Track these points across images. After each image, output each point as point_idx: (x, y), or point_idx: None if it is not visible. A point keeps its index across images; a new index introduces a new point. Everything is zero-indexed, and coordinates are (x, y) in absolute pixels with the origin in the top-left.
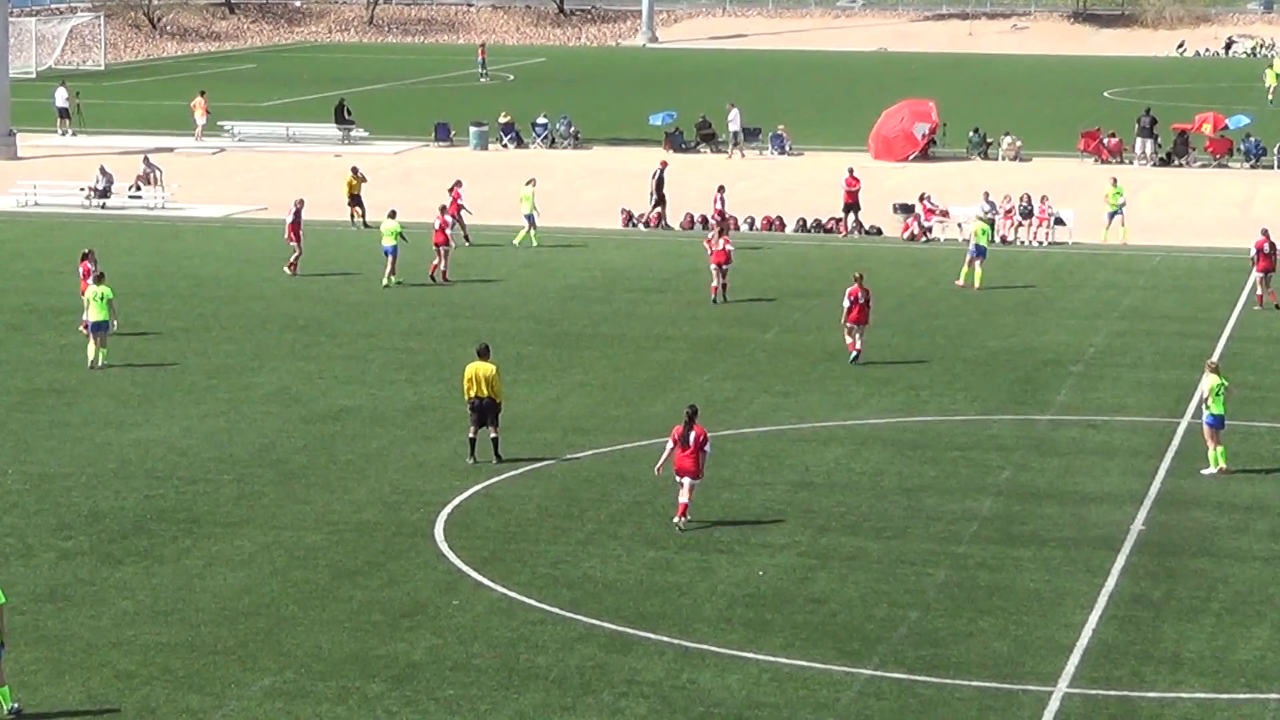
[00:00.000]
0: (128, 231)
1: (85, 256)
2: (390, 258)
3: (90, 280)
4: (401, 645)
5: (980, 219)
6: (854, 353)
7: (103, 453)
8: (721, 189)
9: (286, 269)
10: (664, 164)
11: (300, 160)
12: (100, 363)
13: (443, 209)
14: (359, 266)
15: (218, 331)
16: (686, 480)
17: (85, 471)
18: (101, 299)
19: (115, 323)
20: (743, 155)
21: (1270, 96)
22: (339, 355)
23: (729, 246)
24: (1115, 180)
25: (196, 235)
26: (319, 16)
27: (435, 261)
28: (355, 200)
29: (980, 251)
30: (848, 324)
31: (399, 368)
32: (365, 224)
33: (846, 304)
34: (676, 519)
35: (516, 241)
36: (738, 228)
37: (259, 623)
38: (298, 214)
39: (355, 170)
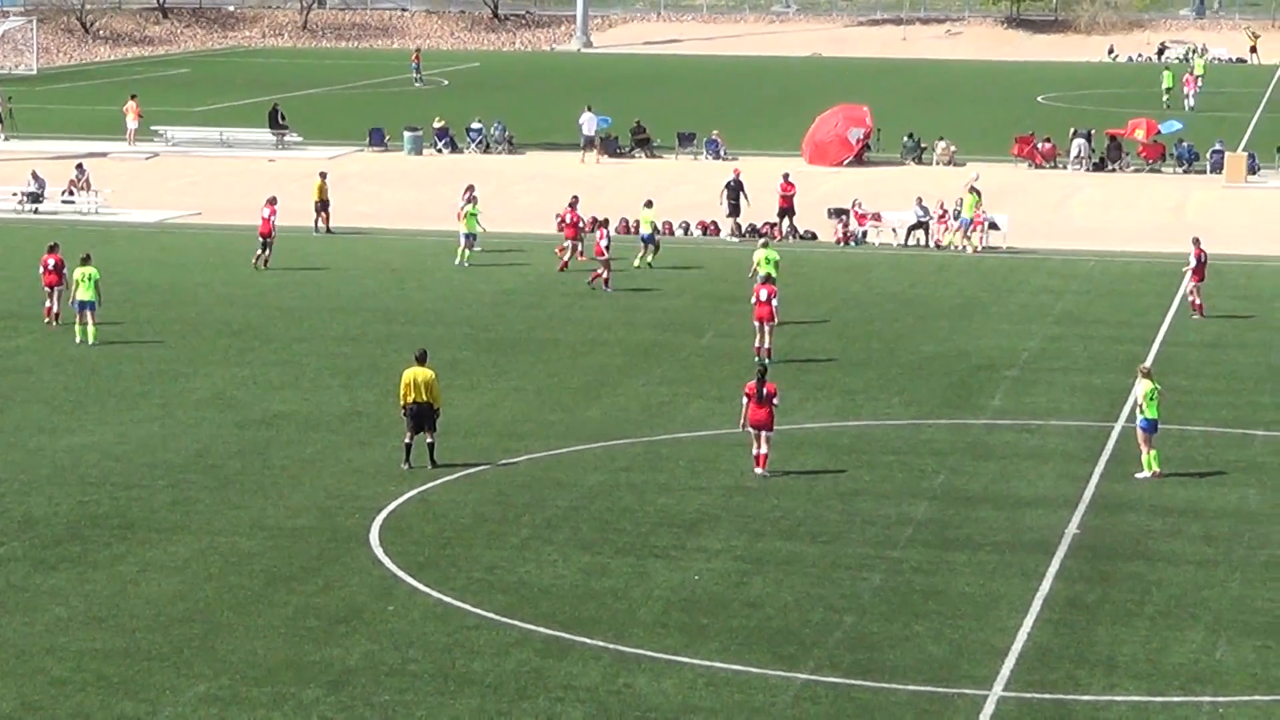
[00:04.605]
0: (60, 236)
1: (51, 249)
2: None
3: (51, 265)
4: (337, 651)
5: (762, 249)
6: (763, 354)
7: (35, 459)
8: (575, 200)
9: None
10: (737, 171)
11: (234, 165)
12: (91, 340)
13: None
14: (300, 268)
15: (151, 337)
16: (763, 433)
17: (17, 478)
18: (88, 279)
19: (100, 302)
20: (598, 161)
21: (1166, 99)
22: (273, 360)
23: (602, 241)
24: (973, 189)
25: (129, 240)
26: (253, 21)
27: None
28: (323, 205)
29: (769, 279)
30: (755, 322)
31: (333, 373)
32: (329, 229)
33: (753, 300)
34: (757, 470)
35: (636, 264)
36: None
37: (193, 629)
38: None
39: (323, 175)
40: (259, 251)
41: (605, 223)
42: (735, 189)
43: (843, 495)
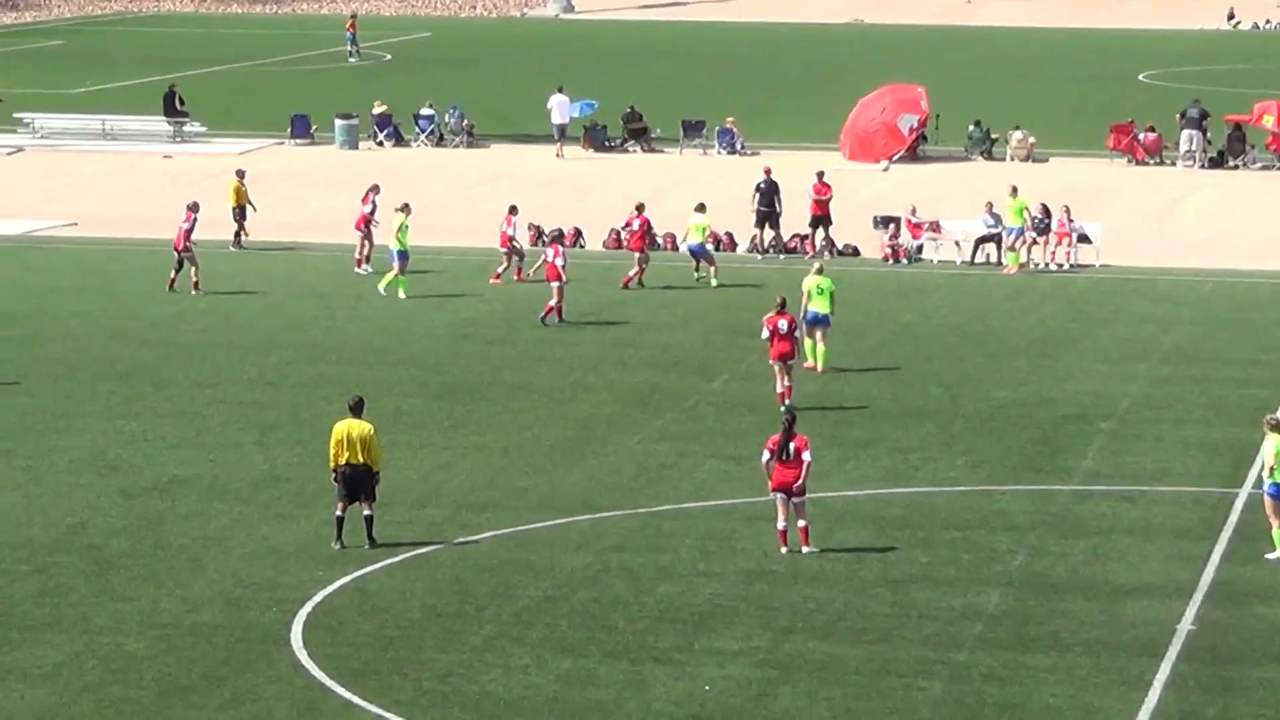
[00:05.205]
0: None
1: None
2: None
3: None
4: None
5: (815, 275)
6: (786, 401)
7: None
8: (514, 210)
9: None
10: (768, 170)
11: (120, 162)
12: None
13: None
14: (204, 293)
15: (12, 380)
16: (793, 499)
17: None
18: None
19: None
20: (560, 154)
21: None
22: (169, 411)
23: (558, 260)
24: (1015, 190)
25: None
26: None
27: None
28: (242, 212)
29: (819, 320)
30: (772, 361)
31: (245, 427)
32: (242, 245)
33: (766, 335)
34: (783, 548)
35: (697, 277)
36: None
37: None
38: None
39: (241, 174)
40: (172, 272)
41: (560, 237)
42: (769, 192)
43: (893, 582)
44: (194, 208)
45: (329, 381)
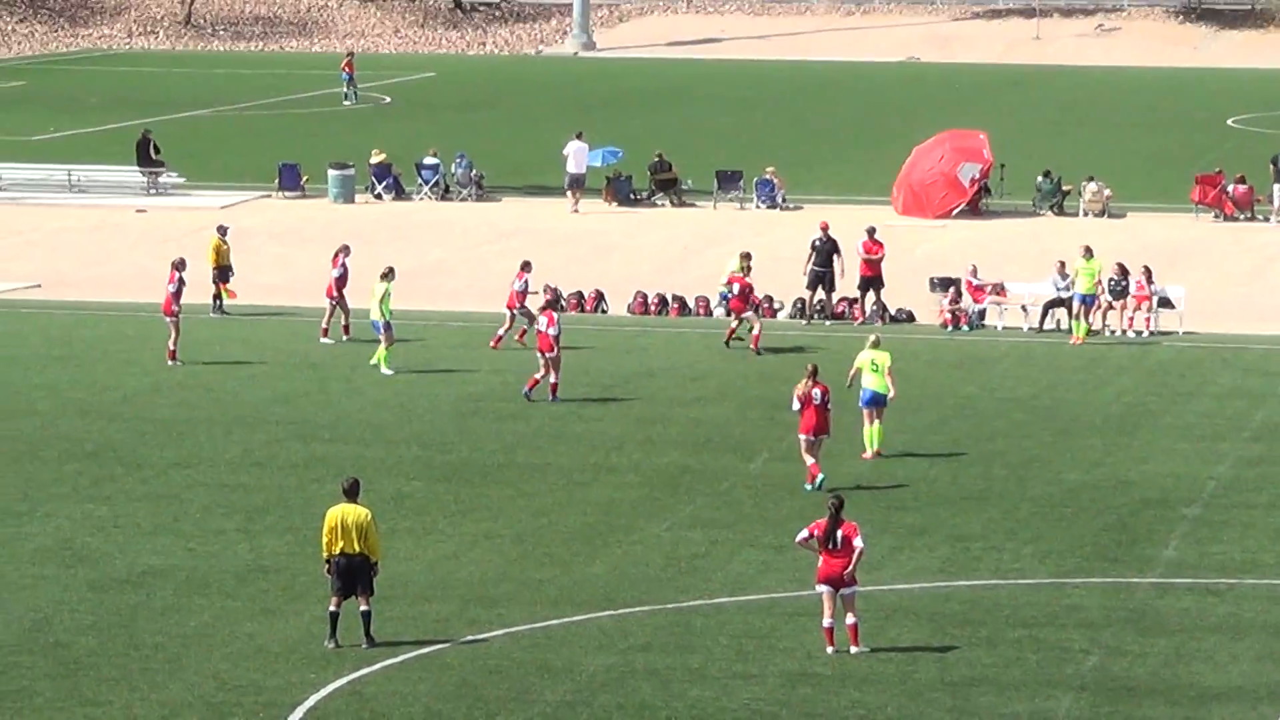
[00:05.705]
0: None
1: None
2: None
3: None
4: None
5: (871, 350)
6: (817, 478)
7: None
8: (526, 266)
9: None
10: (825, 226)
11: (89, 217)
12: None
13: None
14: (183, 364)
15: None
16: (841, 592)
17: None
18: None
19: None
20: (575, 209)
21: None
22: (143, 495)
23: (552, 330)
24: (1089, 251)
25: None
26: (115, 14)
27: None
28: (223, 274)
29: (876, 400)
30: (802, 436)
31: (229, 512)
32: (224, 309)
33: (797, 406)
34: (829, 648)
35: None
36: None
37: None
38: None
39: (223, 231)
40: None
41: (556, 303)
42: (827, 251)
43: (951, 685)
44: (179, 265)
45: (322, 462)
